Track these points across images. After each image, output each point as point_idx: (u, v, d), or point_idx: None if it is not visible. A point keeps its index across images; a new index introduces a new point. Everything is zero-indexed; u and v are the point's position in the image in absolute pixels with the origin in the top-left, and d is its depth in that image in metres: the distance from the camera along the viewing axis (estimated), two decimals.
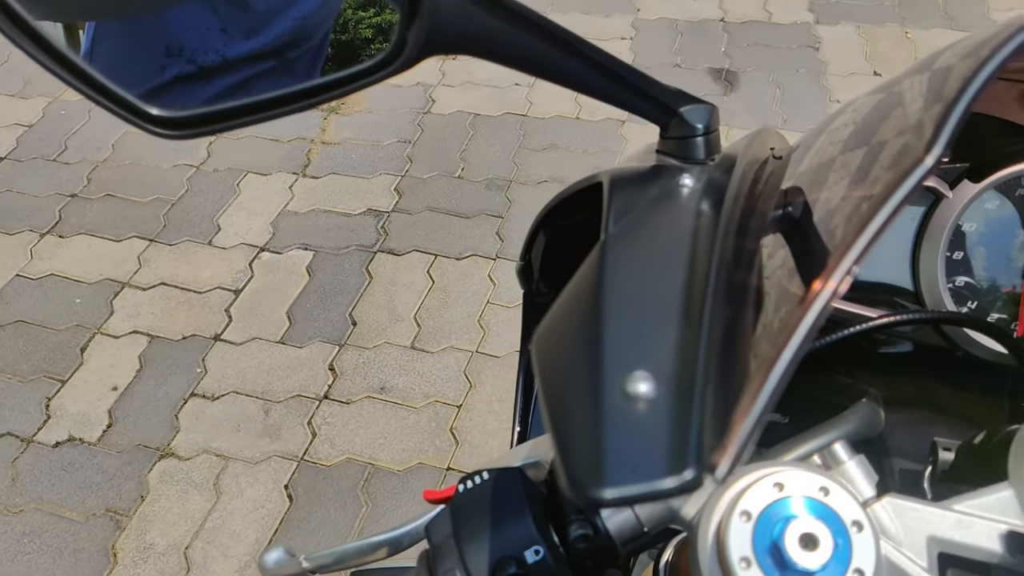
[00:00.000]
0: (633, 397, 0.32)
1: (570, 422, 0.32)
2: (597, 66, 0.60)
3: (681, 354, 0.34)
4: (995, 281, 0.66)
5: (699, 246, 0.44)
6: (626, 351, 0.35)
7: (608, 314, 0.37)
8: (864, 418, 0.59)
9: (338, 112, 2.93)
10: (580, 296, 0.40)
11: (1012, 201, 0.65)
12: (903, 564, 0.45)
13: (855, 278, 0.69)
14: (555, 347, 0.38)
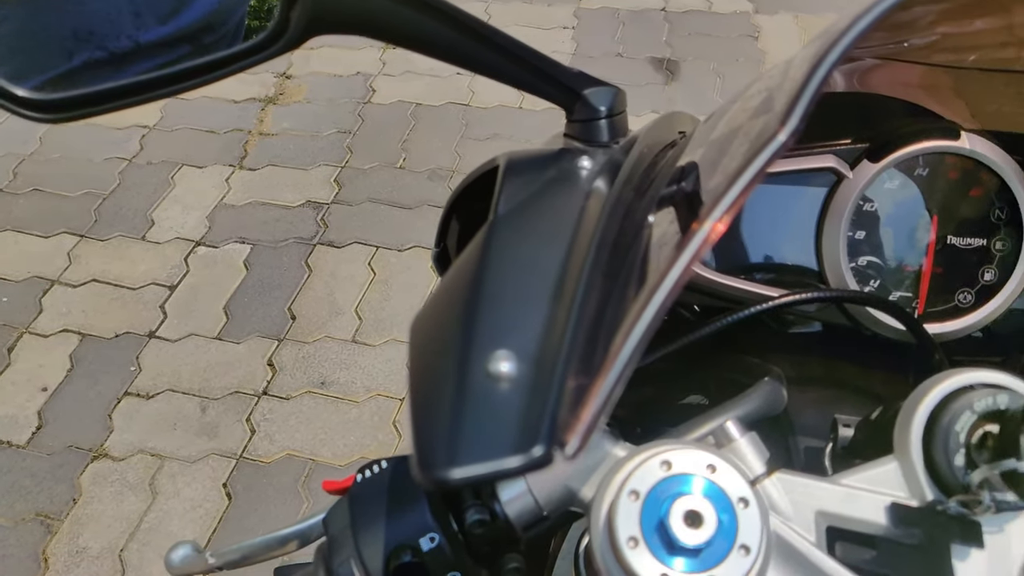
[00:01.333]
0: (494, 376, 0.31)
1: (427, 403, 0.32)
2: (496, 48, 0.59)
3: (548, 333, 0.34)
4: (898, 260, 0.67)
5: (583, 227, 0.43)
6: (494, 331, 0.34)
7: (481, 295, 0.37)
8: (765, 397, 0.59)
9: (276, 103, 2.88)
10: (457, 278, 0.39)
11: (912, 180, 0.66)
12: (792, 539, 0.45)
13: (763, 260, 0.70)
14: (427, 329, 0.37)
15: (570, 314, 0.35)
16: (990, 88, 0.71)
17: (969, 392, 0.45)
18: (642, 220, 0.45)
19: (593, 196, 0.48)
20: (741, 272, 0.69)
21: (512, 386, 0.31)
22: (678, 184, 0.49)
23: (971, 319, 0.66)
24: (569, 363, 0.32)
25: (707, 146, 0.53)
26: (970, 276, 0.66)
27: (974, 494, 0.43)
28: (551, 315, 0.35)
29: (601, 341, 0.34)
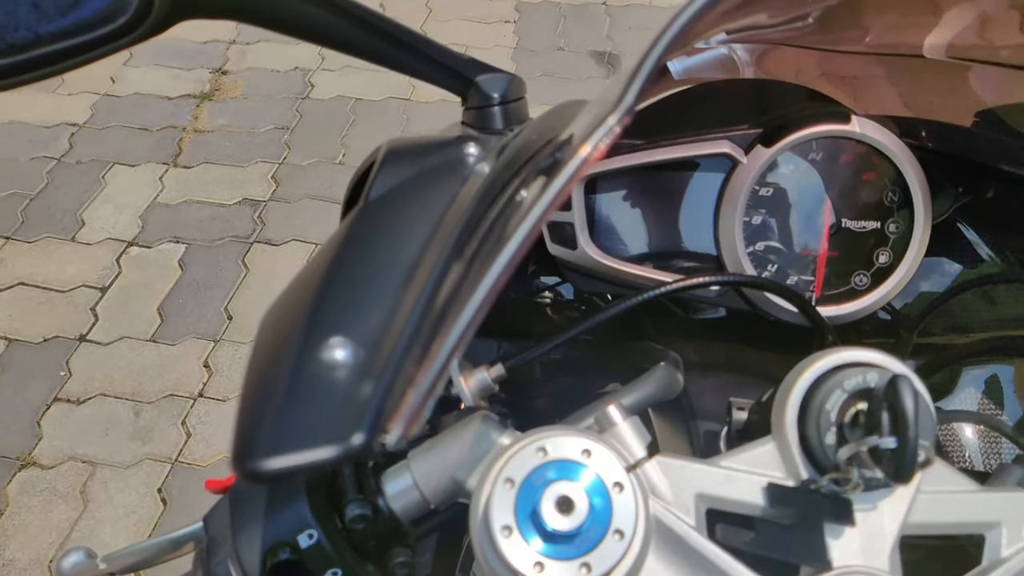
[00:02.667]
0: (327, 365, 0.31)
1: (253, 393, 0.31)
2: (382, 34, 0.58)
3: (392, 320, 0.33)
4: (794, 244, 0.67)
5: (451, 213, 0.42)
6: (335, 319, 0.33)
7: (329, 283, 0.36)
8: (660, 381, 0.59)
9: (212, 99, 2.82)
10: (311, 268, 0.38)
11: (807, 165, 0.66)
12: (671, 523, 0.45)
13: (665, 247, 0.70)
14: (274, 320, 0.36)
15: (418, 300, 0.34)
16: (885, 73, 0.72)
17: (842, 371, 0.45)
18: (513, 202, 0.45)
19: (470, 183, 0.47)
20: (644, 260, 0.69)
21: (344, 374, 0.30)
22: (551, 159, 0.48)
23: (867, 301, 0.67)
24: (409, 349, 0.31)
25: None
26: (866, 258, 0.67)
27: (844, 472, 0.43)
28: (398, 302, 0.34)
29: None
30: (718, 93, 0.70)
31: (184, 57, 2.97)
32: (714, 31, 0.53)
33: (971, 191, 0.72)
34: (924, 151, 0.70)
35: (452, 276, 0.37)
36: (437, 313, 0.34)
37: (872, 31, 0.66)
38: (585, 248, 0.66)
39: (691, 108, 0.69)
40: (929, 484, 0.46)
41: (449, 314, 0.33)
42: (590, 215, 0.68)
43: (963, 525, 0.47)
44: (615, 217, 0.69)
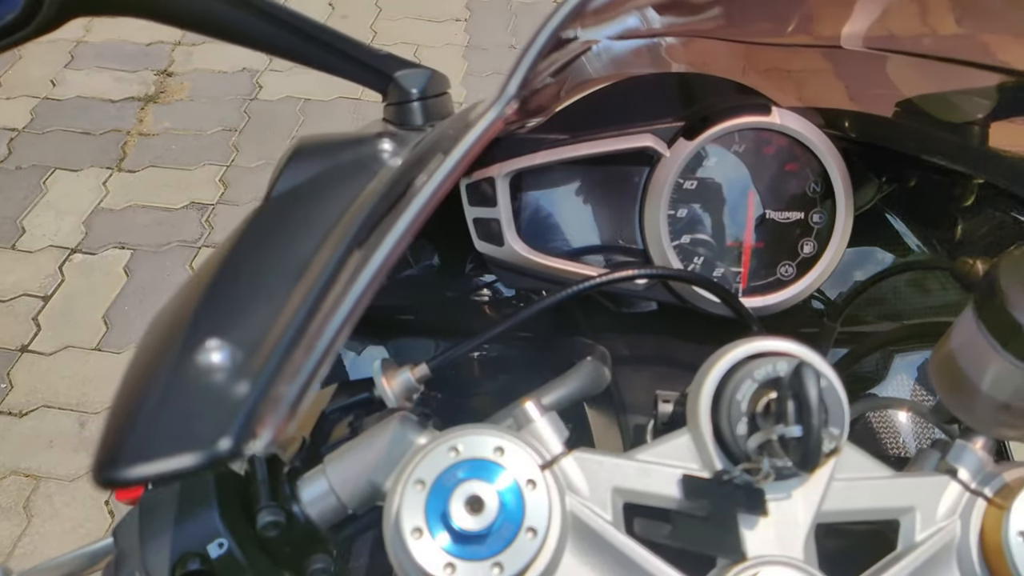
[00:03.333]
0: (202, 369, 0.29)
1: (123, 398, 0.29)
2: (295, 31, 0.57)
3: (274, 321, 0.32)
4: (720, 236, 0.67)
5: (350, 211, 0.41)
6: (216, 321, 0.32)
7: (215, 284, 0.35)
8: (585, 376, 0.59)
9: (157, 101, 2.76)
10: (201, 270, 0.37)
11: (730, 157, 0.67)
12: (587, 518, 0.45)
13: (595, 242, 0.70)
14: (157, 324, 0.34)
15: (305, 299, 0.33)
16: (807, 65, 0.72)
17: (754, 361, 0.45)
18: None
19: (378, 178, 0.47)
20: (572, 255, 0.68)
21: (218, 377, 0.29)
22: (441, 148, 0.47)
23: (793, 290, 0.67)
24: (291, 350, 0.30)
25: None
26: (791, 249, 0.68)
27: (756, 462, 0.43)
28: (285, 301, 0.33)
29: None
30: (643, 87, 0.70)
31: (127, 59, 2.90)
32: (609, 26, 0.53)
33: (894, 180, 0.73)
34: (848, 141, 0.71)
35: (345, 273, 0.36)
36: (324, 312, 0.33)
37: (791, 23, 0.66)
38: (512, 244, 0.66)
39: (615, 103, 0.69)
40: (843, 471, 0.47)
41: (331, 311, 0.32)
42: (517, 211, 0.67)
43: (877, 511, 0.47)
44: (543, 212, 0.68)
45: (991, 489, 0.47)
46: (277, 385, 0.28)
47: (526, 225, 0.68)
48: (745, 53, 0.75)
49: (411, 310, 0.90)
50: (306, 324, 0.32)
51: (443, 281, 0.88)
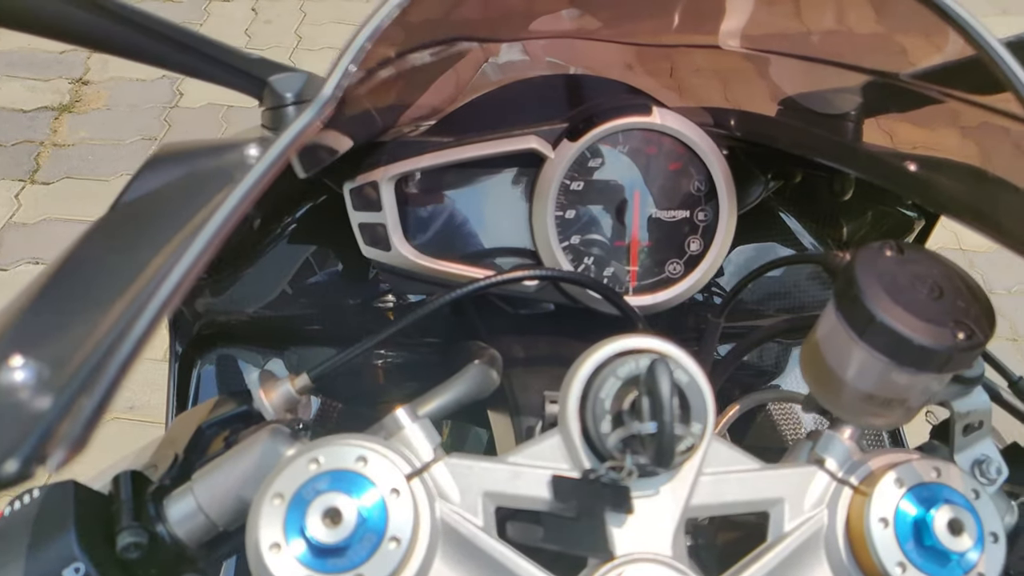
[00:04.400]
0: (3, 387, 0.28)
1: None
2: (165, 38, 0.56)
3: (88, 336, 0.30)
4: (608, 236, 0.68)
5: (197, 218, 0.40)
6: (25, 337, 0.31)
7: (34, 297, 0.33)
8: (471, 380, 0.59)
9: (72, 111, 2.67)
10: (28, 285, 0.35)
11: (615, 157, 0.67)
12: (458, 525, 0.44)
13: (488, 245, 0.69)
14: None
15: (125, 312, 0.32)
16: (692, 65, 0.74)
17: (619, 359, 0.46)
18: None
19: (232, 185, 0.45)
20: (464, 258, 0.68)
21: (16, 396, 0.27)
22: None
23: (680, 288, 0.68)
24: (103, 366, 0.29)
25: None
26: (678, 247, 0.69)
27: (619, 460, 0.44)
28: (103, 315, 0.32)
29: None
30: (532, 90, 0.71)
31: (40, 67, 2.80)
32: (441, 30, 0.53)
33: (779, 178, 0.74)
34: (735, 140, 0.72)
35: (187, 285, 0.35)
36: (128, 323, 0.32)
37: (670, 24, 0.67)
38: (399, 249, 0.65)
39: (504, 105, 0.69)
40: (711, 465, 0.47)
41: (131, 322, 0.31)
42: (405, 215, 0.67)
43: (747, 504, 0.48)
44: (433, 216, 0.68)
45: (857, 477, 0.48)
46: (78, 402, 0.27)
47: (415, 229, 0.67)
48: (636, 54, 0.76)
49: (316, 319, 0.88)
50: (119, 339, 0.30)
51: (347, 288, 0.87)
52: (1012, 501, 0.55)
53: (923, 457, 0.48)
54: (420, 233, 0.67)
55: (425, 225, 0.67)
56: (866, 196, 0.73)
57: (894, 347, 0.45)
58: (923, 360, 0.44)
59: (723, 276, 0.87)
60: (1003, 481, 0.53)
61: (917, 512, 0.45)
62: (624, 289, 0.68)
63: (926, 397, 0.49)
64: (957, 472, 0.47)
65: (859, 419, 0.50)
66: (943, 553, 0.44)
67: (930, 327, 0.44)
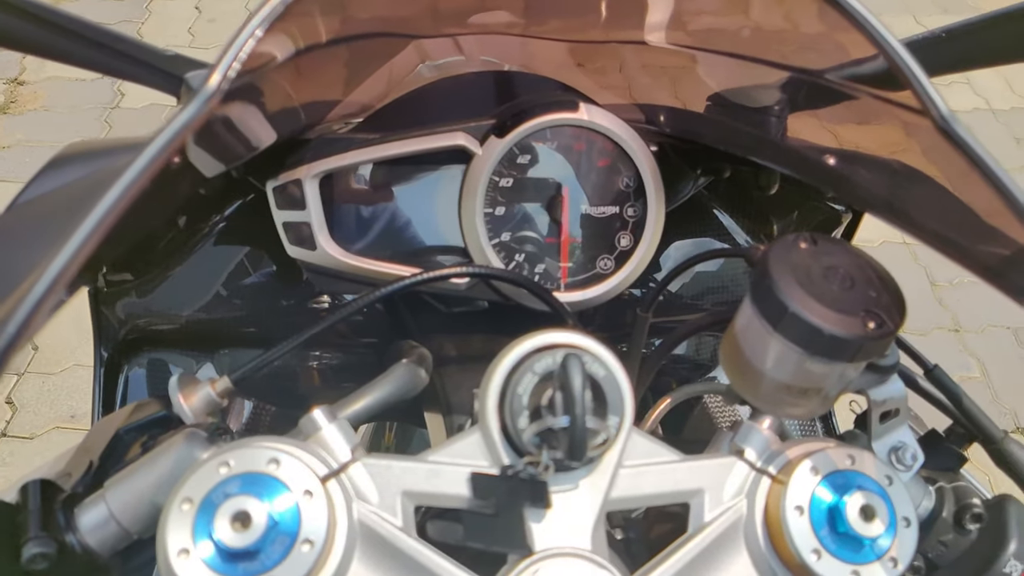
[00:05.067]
0: None
1: None
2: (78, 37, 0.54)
3: None
4: (539, 232, 0.68)
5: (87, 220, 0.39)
6: None
7: None
8: (397, 380, 0.58)
9: (7, 112, 2.59)
10: None
11: (543, 153, 0.67)
12: (376, 525, 0.44)
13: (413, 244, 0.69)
14: None
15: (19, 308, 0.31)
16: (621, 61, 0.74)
17: (538, 354, 0.46)
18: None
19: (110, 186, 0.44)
20: (394, 256, 0.67)
21: None
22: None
23: (611, 283, 0.69)
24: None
25: None
26: (608, 243, 0.69)
27: (536, 455, 0.43)
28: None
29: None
30: (460, 87, 0.70)
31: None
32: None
33: (709, 173, 0.75)
34: (665, 136, 0.73)
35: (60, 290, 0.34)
36: None
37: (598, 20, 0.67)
38: (325, 248, 0.64)
39: (432, 102, 0.69)
40: (631, 458, 0.47)
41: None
42: (332, 213, 0.66)
43: (666, 495, 0.48)
44: (360, 215, 0.67)
45: (775, 467, 0.49)
46: None
47: (343, 227, 0.66)
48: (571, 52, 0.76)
49: (249, 321, 0.87)
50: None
51: (281, 288, 0.86)
52: (930, 486, 0.56)
53: (838, 445, 0.48)
54: (348, 232, 0.66)
55: (353, 223, 0.66)
56: (792, 191, 0.74)
57: (806, 337, 0.45)
58: (835, 349, 0.45)
59: (662, 271, 0.88)
60: (919, 467, 0.54)
61: (831, 499, 0.46)
62: (555, 285, 0.68)
63: (841, 386, 0.49)
64: (871, 459, 0.48)
65: (777, 409, 0.51)
66: (856, 539, 0.45)
67: (841, 317, 0.45)
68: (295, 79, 0.59)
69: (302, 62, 0.57)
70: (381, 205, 0.67)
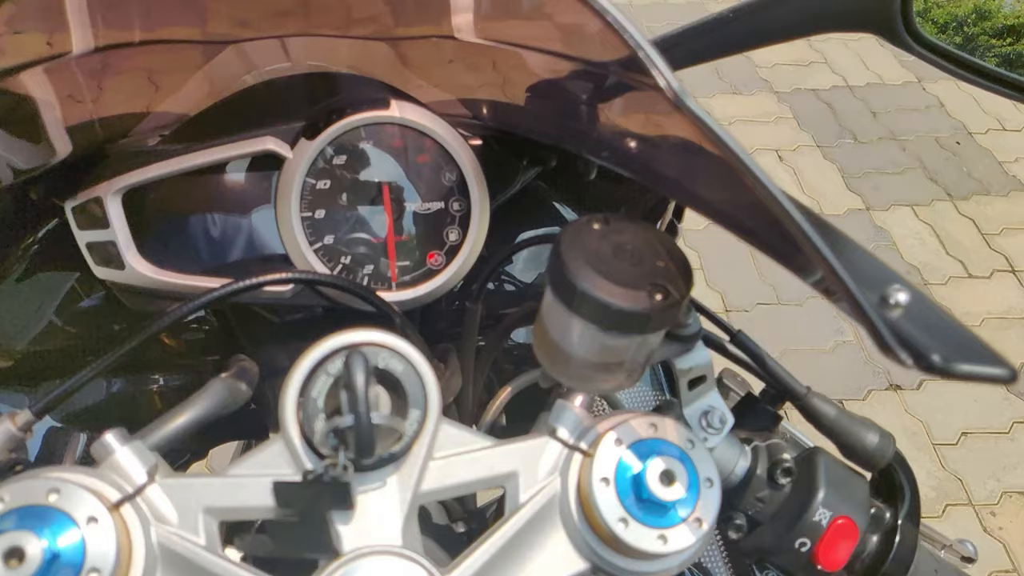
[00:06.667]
0: None
1: None
2: None
3: None
4: (363, 234, 0.67)
5: None
6: None
7: None
8: (215, 396, 0.57)
9: None
10: None
11: (360, 153, 0.66)
12: (176, 546, 0.43)
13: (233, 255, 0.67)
14: None
15: None
16: (435, 57, 0.74)
17: (336, 356, 0.45)
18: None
19: None
20: (213, 269, 0.65)
21: None
22: None
23: (443, 279, 0.69)
24: None
25: None
26: (437, 239, 0.69)
27: (333, 457, 0.43)
28: None
29: None
30: (272, 91, 0.69)
31: None
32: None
33: (535, 163, 0.76)
34: (489, 129, 0.74)
35: None
36: None
37: (405, 16, 0.67)
38: (135, 266, 0.62)
39: (243, 108, 0.67)
40: (442, 449, 0.48)
41: None
42: (142, 230, 0.63)
43: (480, 481, 0.48)
44: (173, 229, 0.65)
45: (586, 442, 0.50)
46: None
47: (153, 244, 0.64)
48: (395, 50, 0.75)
49: (87, 348, 0.83)
50: None
51: (115, 312, 0.82)
52: (746, 447, 0.59)
53: (642, 415, 0.50)
54: (159, 248, 0.64)
55: (165, 239, 0.64)
56: (611, 177, 0.76)
57: (599, 314, 0.47)
58: (627, 323, 0.47)
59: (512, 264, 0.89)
60: (729, 429, 0.56)
61: (634, 468, 0.47)
62: (386, 285, 0.68)
63: (644, 358, 0.51)
64: (673, 425, 0.50)
65: (588, 386, 0.52)
66: (659, 504, 0.46)
67: (628, 292, 0.46)
68: (79, 88, 0.56)
69: (85, 68, 0.55)
70: (195, 218, 0.65)
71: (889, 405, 2.39)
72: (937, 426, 2.33)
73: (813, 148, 3.30)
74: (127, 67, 0.63)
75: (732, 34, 0.64)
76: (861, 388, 2.42)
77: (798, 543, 0.55)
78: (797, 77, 3.73)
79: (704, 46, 0.66)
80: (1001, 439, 2.31)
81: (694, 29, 0.64)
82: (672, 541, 0.46)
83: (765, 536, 0.56)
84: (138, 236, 0.63)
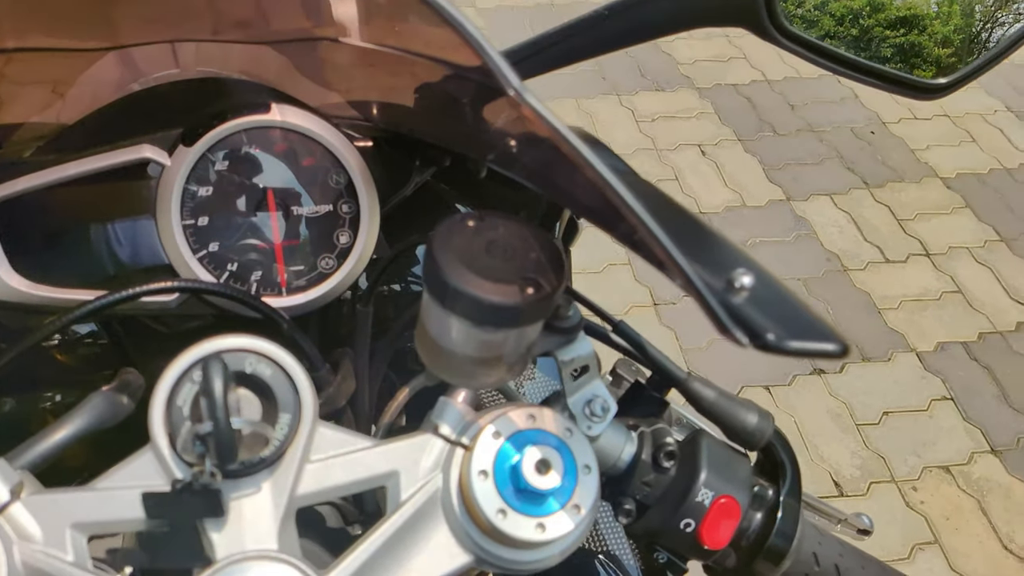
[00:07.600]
0: None
1: None
2: None
3: None
4: (250, 240, 0.67)
5: None
6: None
7: None
8: (92, 410, 0.55)
9: None
10: None
11: (243, 158, 0.66)
12: (43, 564, 0.42)
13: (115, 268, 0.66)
14: None
15: None
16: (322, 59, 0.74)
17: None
18: None
19: None
20: (92, 282, 0.64)
21: None
22: None
23: (334, 282, 0.69)
24: None
25: None
26: (328, 242, 0.69)
27: (200, 464, 0.43)
28: None
29: None
30: (152, 98, 0.68)
31: None
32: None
33: (428, 164, 0.76)
34: (379, 130, 0.74)
35: None
36: None
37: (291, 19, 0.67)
38: (7, 280, 0.60)
39: (122, 117, 0.66)
40: (319, 451, 0.48)
41: None
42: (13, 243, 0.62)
43: (360, 482, 0.48)
44: (49, 242, 0.63)
45: (468, 437, 0.50)
46: None
47: (27, 257, 0.62)
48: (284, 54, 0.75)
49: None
50: None
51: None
52: (632, 432, 0.60)
53: (523, 407, 0.51)
54: (34, 261, 0.62)
55: (40, 252, 0.63)
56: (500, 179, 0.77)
57: (471, 310, 0.47)
58: (499, 317, 0.47)
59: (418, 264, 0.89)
60: (612, 416, 0.57)
61: (512, 459, 0.48)
62: (276, 291, 0.67)
63: (523, 351, 0.52)
64: (551, 415, 0.50)
65: (470, 381, 0.53)
66: (536, 492, 0.47)
67: (498, 286, 0.47)
68: None
69: None
70: (74, 230, 0.64)
71: (814, 389, 2.46)
72: (860, 407, 2.42)
73: (734, 142, 3.38)
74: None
75: (608, 31, 0.66)
76: (787, 374, 2.49)
77: (683, 524, 0.56)
78: (717, 73, 3.82)
79: (582, 44, 0.67)
80: (920, 416, 2.40)
81: (571, 27, 0.65)
82: (551, 528, 0.47)
83: (653, 519, 0.58)
84: (11, 250, 0.61)
